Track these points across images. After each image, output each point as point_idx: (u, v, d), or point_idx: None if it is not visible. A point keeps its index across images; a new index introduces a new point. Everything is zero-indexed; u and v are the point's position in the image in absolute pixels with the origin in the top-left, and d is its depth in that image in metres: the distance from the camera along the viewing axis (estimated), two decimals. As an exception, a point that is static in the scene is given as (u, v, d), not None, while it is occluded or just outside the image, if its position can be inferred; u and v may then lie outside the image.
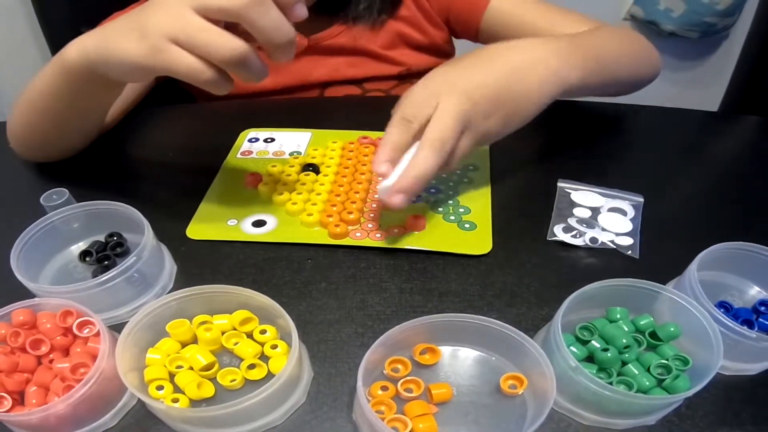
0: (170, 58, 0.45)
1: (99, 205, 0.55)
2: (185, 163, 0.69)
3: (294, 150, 0.72)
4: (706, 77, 1.83)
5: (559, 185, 0.67)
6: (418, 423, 0.43)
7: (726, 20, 1.63)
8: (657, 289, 0.49)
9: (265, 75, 0.49)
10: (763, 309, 0.52)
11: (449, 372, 0.48)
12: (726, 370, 0.48)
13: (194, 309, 0.49)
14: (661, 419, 0.45)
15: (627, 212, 0.64)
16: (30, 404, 0.43)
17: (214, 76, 0.46)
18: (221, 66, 0.46)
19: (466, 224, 0.62)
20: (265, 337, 0.48)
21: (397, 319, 0.46)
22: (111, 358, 0.43)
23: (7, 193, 0.67)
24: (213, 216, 0.62)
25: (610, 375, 0.46)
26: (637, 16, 1.65)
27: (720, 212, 0.66)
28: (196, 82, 0.47)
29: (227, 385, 0.46)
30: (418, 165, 0.52)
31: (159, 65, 0.46)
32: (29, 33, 1.32)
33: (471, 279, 0.56)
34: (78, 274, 0.56)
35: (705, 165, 0.66)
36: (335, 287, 0.55)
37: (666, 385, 0.45)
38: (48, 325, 0.46)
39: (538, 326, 0.52)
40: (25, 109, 0.64)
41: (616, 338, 0.47)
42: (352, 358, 0.49)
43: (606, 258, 0.59)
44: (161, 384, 0.45)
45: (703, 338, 0.45)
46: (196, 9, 0.45)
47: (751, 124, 0.85)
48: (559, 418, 0.46)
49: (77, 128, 0.67)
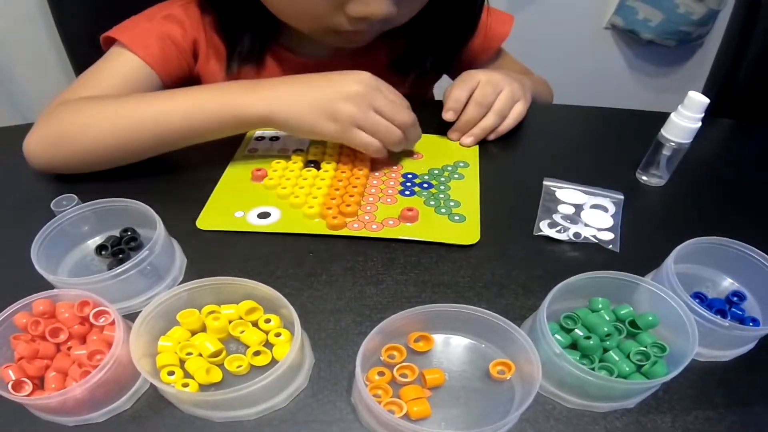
0: (354, 136, 0.62)
1: (115, 202, 0.55)
2: (195, 162, 0.68)
3: (297, 147, 0.72)
4: (682, 83, 1.83)
5: (545, 183, 0.67)
6: (413, 406, 0.43)
7: (701, 29, 1.62)
8: (636, 281, 0.49)
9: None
10: (735, 300, 0.53)
11: (442, 358, 0.47)
12: (701, 356, 0.49)
13: (203, 299, 0.49)
14: (640, 402, 0.45)
15: (608, 209, 0.64)
16: (49, 389, 0.43)
17: (381, 148, 0.64)
18: (385, 143, 0.64)
19: (456, 216, 0.62)
20: (270, 326, 0.48)
21: (393, 309, 0.46)
22: (125, 346, 0.43)
23: (21, 195, 0.65)
24: (221, 208, 0.62)
25: (592, 361, 0.46)
26: (617, 25, 1.65)
27: (695, 209, 0.66)
28: (367, 152, 0.64)
29: (234, 371, 0.46)
30: (488, 122, 0.73)
31: (345, 140, 0.62)
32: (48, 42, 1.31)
33: (462, 271, 0.56)
34: (94, 267, 0.55)
35: (681, 164, 0.66)
36: (335, 279, 0.55)
37: (644, 370, 0.45)
38: (66, 315, 0.46)
39: (525, 315, 0.51)
40: (115, 127, 0.62)
41: (597, 327, 0.47)
42: (351, 345, 0.49)
43: (588, 252, 0.59)
44: (172, 370, 0.45)
45: (680, 327, 0.45)
46: (374, 109, 0.61)
47: (724, 127, 0.85)
48: (544, 401, 0.46)
49: (168, 150, 0.65)
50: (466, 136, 0.74)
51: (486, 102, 0.72)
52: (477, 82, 0.72)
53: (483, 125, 0.73)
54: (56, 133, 0.63)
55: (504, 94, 0.73)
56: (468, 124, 0.73)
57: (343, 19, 0.65)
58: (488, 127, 0.73)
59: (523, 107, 0.75)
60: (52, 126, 0.64)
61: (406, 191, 0.65)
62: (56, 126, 0.63)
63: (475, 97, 0.71)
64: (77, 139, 0.62)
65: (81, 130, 0.62)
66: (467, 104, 0.72)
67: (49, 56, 1.34)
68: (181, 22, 0.74)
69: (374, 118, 0.61)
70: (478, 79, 0.72)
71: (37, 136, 0.64)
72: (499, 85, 0.73)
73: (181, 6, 0.75)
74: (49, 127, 0.64)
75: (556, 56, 1.61)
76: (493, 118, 0.73)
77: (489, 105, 0.72)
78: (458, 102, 0.72)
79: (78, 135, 0.62)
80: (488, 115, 0.73)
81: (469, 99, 0.72)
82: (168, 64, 0.72)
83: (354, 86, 0.60)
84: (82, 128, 0.62)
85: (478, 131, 0.73)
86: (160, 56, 0.71)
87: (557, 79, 0.97)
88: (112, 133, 0.62)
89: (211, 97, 0.62)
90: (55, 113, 0.64)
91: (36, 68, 1.37)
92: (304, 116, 0.61)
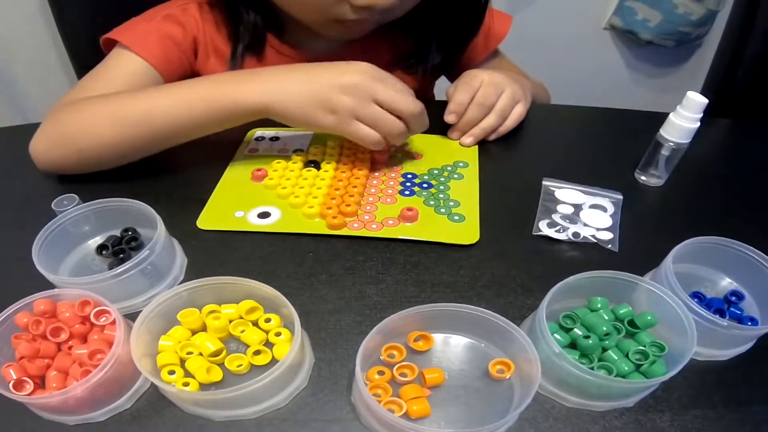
0: (352, 129, 0.60)
1: (115, 202, 0.55)
2: (196, 162, 0.68)
3: (297, 148, 0.72)
4: (680, 83, 1.82)
5: (544, 183, 0.67)
6: (413, 405, 0.42)
7: (699, 30, 1.62)
8: (635, 281, 0.48)
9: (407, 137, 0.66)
10: (733, 299, 0.52)
11: (441, 358, 0.47)
12: (699, 356, 0.48)
13: (204, 299, 0.49)
14: (639, 402, 0.45)
15: (607, 209, 0.64)
16: (50, 388, 0.43)
17: (381, 140, 0.62)
18: (386, 135, 0.62)
19: (456, 216, 0.61)
20: (270, 325, 0.48)
21: (393, 309, 0.46)
22: (126, 345, 0.43)
23: (22, 195, 0.64)
24: (222, 208, 0.62)
25: (591, 360, 0.46)
26: (616, 26, 1.65)
27: (694, 209, 0.66)
28: (365, 144, 0.62)
29: (234, 370, 0.45)
30: (489, 123, 0.73)
31: (343, 132, 0.61)
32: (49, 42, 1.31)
33: (462, 271, 0.56)
34: (95, 266, 0.55)
35: (679, 164, 0.66)
36: (335, 279, 0.55)
37: (643, 370, 0.45)
38: (67, 314, 0.46)
39: (524, 315, 0.51)
40: (115, 123, 0.61)
41: (596, 326, 0.47)
42: (351, 344, 0.49)
43: (587, 251, 0.59)
44: (173, 369, 0.45)
45: (678, 326, 0.45)
46: (375, 100, 0.60)
47: (723, 127, 0.85)
48: (543, 400, 0.46)
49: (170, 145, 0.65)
50: (466, 136, 0.74)
51: (488, 103, 0.72)
52: (480, 83, 0.72)
53: (483, 125, 0.73)
54: (59, 133, 0.63)
55: (505, 95, 0.73)
56: (469, 125, 0.73)
57: (346, 8, 0.66)
58: (489, 128, 0.73)
59: (524, 108, 0.75)
60: (55, 126, 0.64)
61: (405, 191, 0.65)
62: (59, 126, 0.64)
63: (477, 98, 0.71)
64: (80, 138, 0.62)
65: (83, 128, 0.62)
66: (469, 104, 0.72)
67: (49, 57, 1.34)
68: (181, 22, 0.74)
69: (374, 109, 0.60)
70: (480, 79, 0.72)
71: (41, 137, 0.64)
72: (501, 86, 0.73)
73: (180, 7, 0.76)
74: (52, 128, 0.64)
75: (555, 56, 1.61)
76: (493, 119, 0.73)
77: (491, 106, 0.72)
78: (461, 105, 0.72)
79: (80, 133, 0.62)
80: (489, 116, 0.73)
81: (471, 99, 0.72)
82: (170, 64, 0.72)
83: (353, 77, 0.59)
84: (84, 126, 0.62)
85: (479, 131, 0.73)
86: (161, 56, 0.71)
87: (556, 80, 0.97)
88: (114, 129, 0.62)
89: (210, 87, 0.62)
90: (57, 114, 0.64)
91: (37, 68, 1.37)
92: (302, 108, 0.60)
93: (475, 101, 0.71)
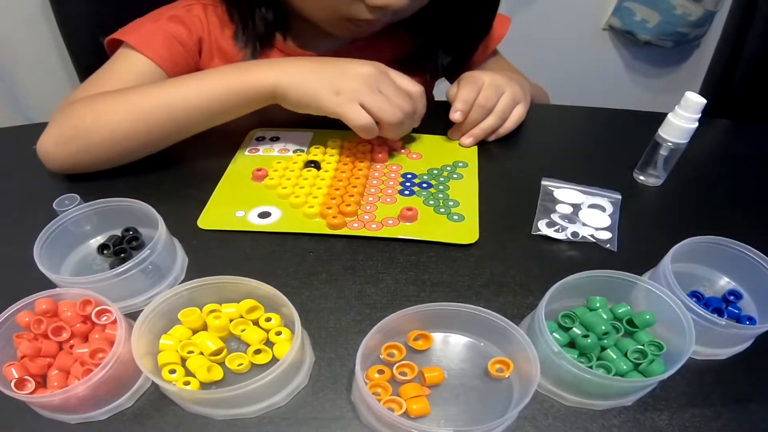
0: (350, 111, 0.61)
1: (116, 202, 0.55)
2: (196, 162, 0.68)
3: (297, 148, 0.72)
4: (679, 83, 1.82)
5: (543, 183, 0.67)
6: (412, 404, 0.42)
7: (697, 30, 1.62)
8: (633, 280, 0.48)
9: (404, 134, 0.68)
10: (732, 298, 0.52)
11: (441, 357, 0.47)
12: (697, 355, 0.48)
13: (204, 298, 0.49)
14: (637, 400, 0.45)
15: (606, 208, 0.64)
16: (52, 387, 0.43)
17: (373, 128, 0.63)
18: (383, 124, 0.63)
19: (455, 216, 0.61)
20: (270, 325, 0.48)
21: (393, 308, 0.46)
22: (127, 344, 0.43)
23: (23, 195, 0.64)
24: (222, 208, 0.62)
25: (590, 359, 0.46)
26: (614, 27, 1.65)
27: (692, 208, 0.66)
28: (360, 128, 0.62)
29: (235, 369, 0.45)
30: (489, 123, 0.73)
31: (341, 113, 0.61)
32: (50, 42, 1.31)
33: (461, 270, 0.56)
34: (96, 266, 0.55)
35: (678, 164, 0.66)
36: (335, 278, 0.55)
37: (642, 368, 0.45)
38: (68, 313, 0.46)
39: (523, 314, 0.51)
40: (134, 115, 0.62)
41: (595, 325, 0.47)
42: (351, 343, 0.49)
43: (586, 251, 0.59)
44: (174, 368, 0.45)
45: (677, 325, 0.45)
46: (378, 89, 0.62)
47: (721, 127, 0.85)
48: (542, 399, 0.46)
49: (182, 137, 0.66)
50: (465, 137, 0.73)
51: (489, 105, 0.72)
52: (482, 83, 0.72)
53: (483, 126, 0.73)
54: (70, 129, 0.62)
55: (506, 96, 0.73)
56: (469, 125, 0.73)
57: (361, 8, 0.66)
58: (489, 128, 0.73)
59: (524, 110, 0.75)
60: (68, 120, 0.63)
61: (405, 191, 0.65)
62: (69, 121, 0.62)
63: (479, 100, 0.71)
64: (93, 131, 0.61)
65: (96, 122, 0.61)
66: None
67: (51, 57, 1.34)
68: (186, 23, 0.74)
69: (378, 96, 0.62)
70: (482, 80, 0.72)
71: (51, 133, 0.63)
72: (502, 87, 0.73)
73: (185, 7, 0.76)
74: (65, 122, 0.63)
75: (554, 57, 1.61)
76: (494, 120, 0.73)
77: (491, 107, 0.72)
78: (467, 103, 0.71)
79: (93, 126, 0.61)
80: (489, 117, 0.73)
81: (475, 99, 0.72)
82: (176, 64, 0.73)
83: (364, 68, 0.62)
84: (97, 120, 0.61)
85: (479, 132, 0.73)
86: (167, 55, 0.71)
87: (555, 80, 0.97)
88: (128, 121, 0.61)
89: (223, 74, 0.64)
90: (67, 110, 0.63)
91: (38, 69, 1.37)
92: (310, 85, 0.62)
93: (477, 103, 0.71)
